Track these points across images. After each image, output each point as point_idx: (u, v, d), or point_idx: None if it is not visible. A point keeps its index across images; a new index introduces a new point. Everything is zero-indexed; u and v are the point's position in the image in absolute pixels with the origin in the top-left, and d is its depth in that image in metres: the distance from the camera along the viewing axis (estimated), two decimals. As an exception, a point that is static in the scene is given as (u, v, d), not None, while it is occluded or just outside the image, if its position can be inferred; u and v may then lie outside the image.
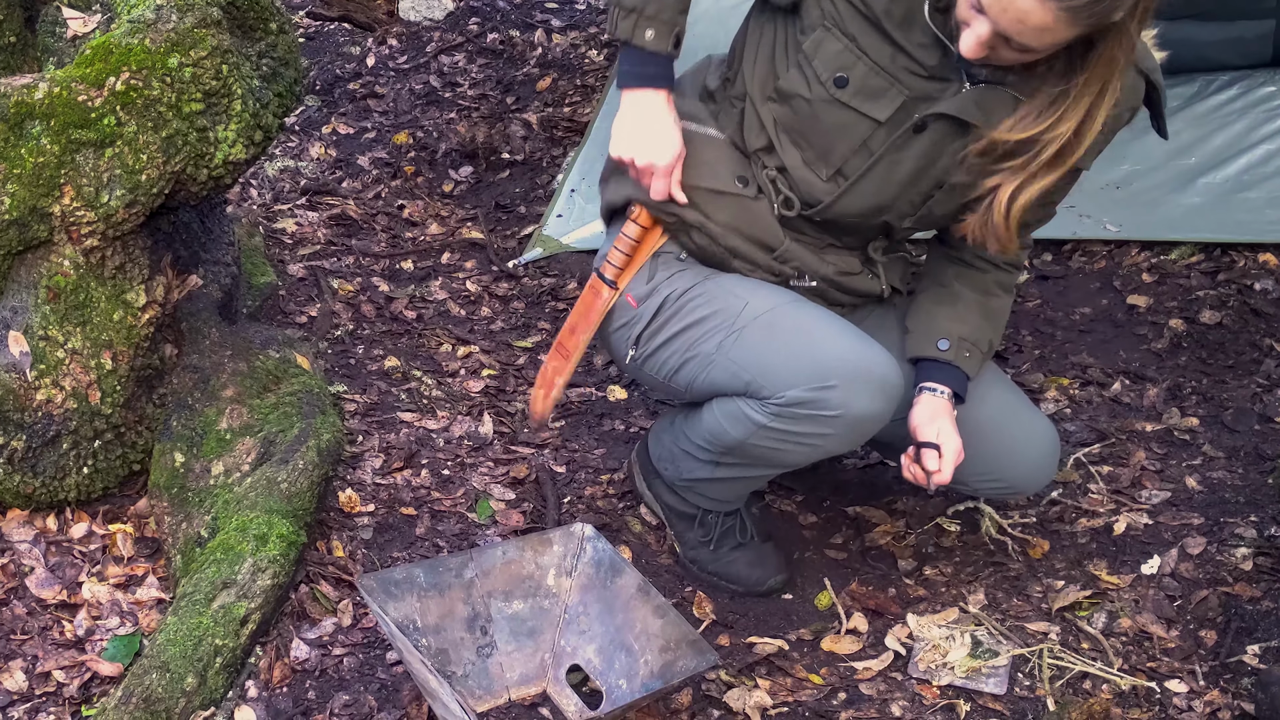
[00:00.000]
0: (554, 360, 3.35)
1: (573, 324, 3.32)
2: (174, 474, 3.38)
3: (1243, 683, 3.15)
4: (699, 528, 3.49)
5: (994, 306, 3.30)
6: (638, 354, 3.27)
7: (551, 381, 3.36)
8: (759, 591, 3.49)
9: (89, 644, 3.17)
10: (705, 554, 3.51)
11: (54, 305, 3.26)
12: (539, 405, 3.41)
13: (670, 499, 3.53)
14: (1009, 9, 2.67)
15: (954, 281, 3.30)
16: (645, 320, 3.23)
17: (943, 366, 3.23)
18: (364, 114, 6.05)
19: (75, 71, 3.18)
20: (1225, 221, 4.60)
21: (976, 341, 3.24)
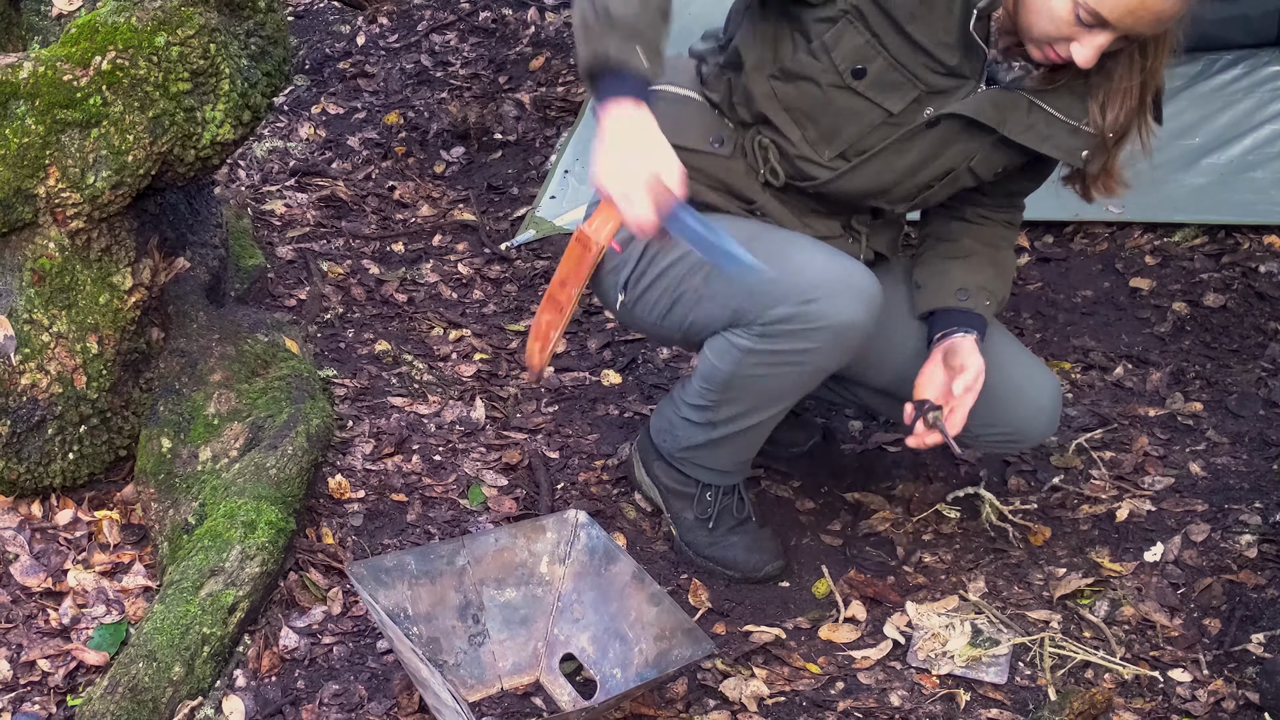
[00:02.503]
0: (547, 314, 3.26)
1: (563, 277, 3.21)
2: (161, 460, 3.36)
3: (1247, 672, 3.13)
4: (696, 505, 3.45)
5: (1001, 259, 3.34)
6: (628, 299, 3.27)
7: (546, 335, 3.27)
8: (755, 578, 3.45)
9: (74, 632, 3.15)
10: (702, 536, 3.47)
11: (39, 288, 3.25)
12: (535, 359, 3.31)
13: (669, 478, 3.49)
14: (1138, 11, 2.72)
15: (961, 236, 3.33)
16: (631, 263, 3.24)
17: (962, 313, 3.24)
18: (354, 94, 6.05)
19: (60, 50, 3.19)
20: (1229, 202, 4.59)
21: (992, 290, 3.27)
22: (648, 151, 2.74)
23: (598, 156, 2.76)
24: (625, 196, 2.74)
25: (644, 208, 2.72)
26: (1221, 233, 4.63)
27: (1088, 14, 2.74)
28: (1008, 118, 3.01)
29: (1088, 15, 2.75)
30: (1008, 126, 3.02)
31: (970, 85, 2.99)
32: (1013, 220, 3.39)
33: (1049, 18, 2.80)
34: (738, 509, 3.47)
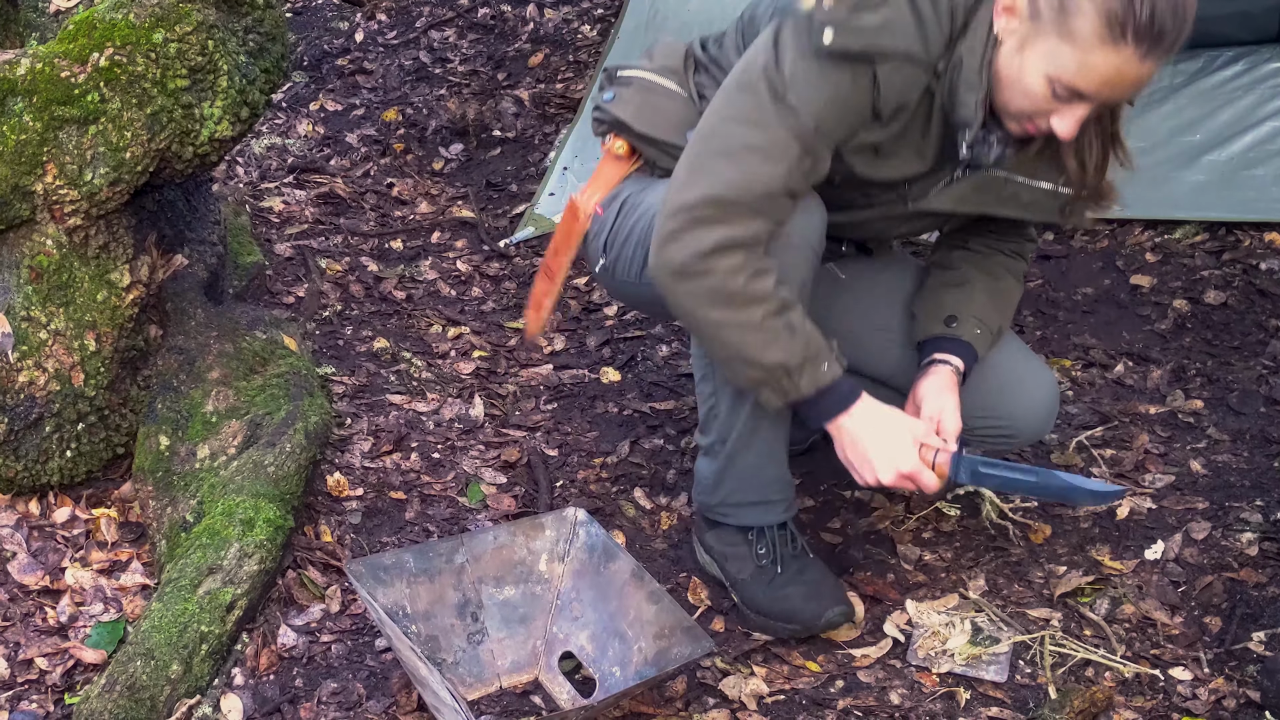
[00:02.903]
0: (541, 282, 3.40)
1: (555, 246, 3.36)
2: (159, 457, 3.36)
3: (1248, 670, 3.12)
4: (753, 557, 3.32)
5: (1002, 289, 3.29)
6: (608, 260, 3.27)
7: (540, 303, 3.41)
8: (816, 627, 3.27)
9: (72, 631, 3.16)
10: (760, 593, 3.30)
11: (36, 285, 3.25)
12: (532, 326, 3.49)
13: (720, 542, 3.38)
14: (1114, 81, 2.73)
15: (961, 264, 3.30)
16: (610, 223, 3.24)
17: (950, 341, 3.21)
18: (352, 90, 6.04)
19: (58, 47, 3.19)
20: (1230, 199, 4.57)
21: (985, 320, 3.23)
22: (899, 432, 2.98)
23: (862, 464, 3.01)
24: (907, 478, 2.98)
25: (929, 478, 2.98)
26: (1222, 230, 4.61)
27: (1063, 89, 2.74)
28: (989, 197, 3.06)
29: (1064, 91, 2.74)
30: (989, 206, 3.08)
31: (948, 171, 3.02)
32: (1020, 251, 3.34)
33: (1025, 95, 2.79)
34: (792, 542, 3.32)
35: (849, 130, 2.88)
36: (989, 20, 2.79)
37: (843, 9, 2.77)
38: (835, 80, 2.81)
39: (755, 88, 2.86)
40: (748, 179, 2.82)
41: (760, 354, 2.87)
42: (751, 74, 2.88)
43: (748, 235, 2.82)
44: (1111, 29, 2.64)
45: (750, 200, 2.82)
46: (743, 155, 2.83)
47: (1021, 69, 2.77)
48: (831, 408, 2.97)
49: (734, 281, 2.82)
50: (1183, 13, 2.66)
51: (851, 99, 2.83)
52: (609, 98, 3.29)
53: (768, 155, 2.83)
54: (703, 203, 2.82)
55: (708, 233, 2.81)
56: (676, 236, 2.84)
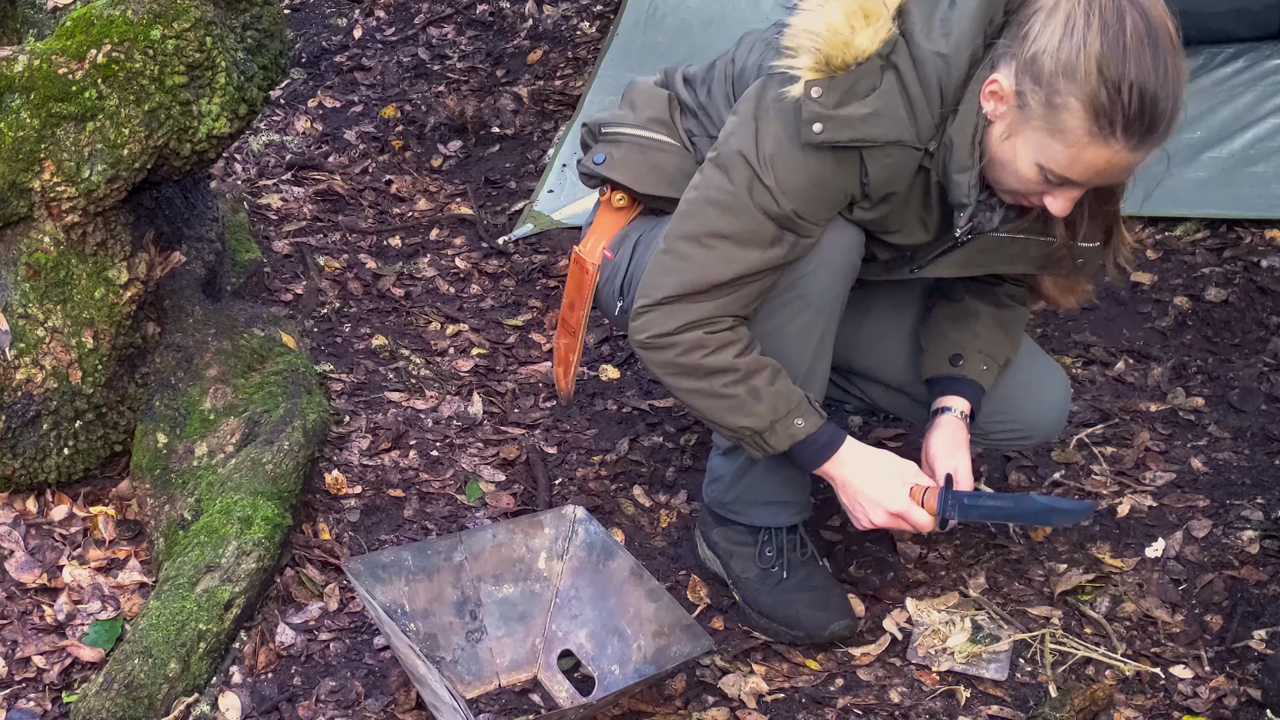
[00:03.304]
0: (563, 337, 3.41)
1: (569, 300, 3.36)
2: (156, 455, 3.35)
3: (1249, 668, 3.12)
4: (759, 559, 3.32)
5: (1006, 318, 3.28)
6: (626, 302, 3.25)
7: (567, 359, 3.42)
8: (820, 638, 3.27)
9: (70, 629, 3.15)
10: (765, 595, 3.31)
11: (34, 283, 3.25)
12: (562, 383, 3.47)
13: (726, 539, 3.38)
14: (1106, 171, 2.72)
15: (965, 296, 3.29)
16: (624, 266, 3.25)
17: (956, 381, 3.23)
18: (351, 87, 6.02)
19: (55, 44, 3.19)
20: (1231, 196, 4.56)
21: (992, 354, 3.23)
22: (887, 474, 3.03)
23: (855, 508, 3.05)
24: (898, 518, 3.01)
25: (919, 517, 3.00)
26: (1223, 227, 4.61)
27: (1055, 177, 2.73)
28: (994, 258, 3.06)
29: (1055, 178, 2.73)
30: (996, 265, 3.10)
31: (951, 238, 3.01)
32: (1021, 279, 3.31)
33: (1017, 179, 2.79)
34: (801, 548, 3.33)
35: (832, 209, 2.91)
36: (978, 99, 2.76)
37: (830, 100, 2.76)
38: (821, 167, 2.83)
39: (731, 168, 2.88)
40: (717, 268, 2.88)
41: (726, 419, 2.97)
42: (728, 153, 2.89)
43: (711, 313, 2.91)
44: (1100, 124, 2.62)
45: (718, 286, 2.89)
46: (713, 242, 2.88)
47: (1013, 155, 2.76)
48: (816, 457, 3.02)
49: (692, 357, 2.92)
50: (1172, 98, 2.66)
51: (836, 182, 2.86)
52: (600, 160, 3.26)
53: (738, 241, 2.88)
54: (671, 295, 2.91)
55: (672, 316, 2.92)
56: (642, 315, 2.95)
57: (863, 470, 3.01)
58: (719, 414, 2.96)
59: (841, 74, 2.76)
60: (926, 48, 2.77)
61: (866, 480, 3.00)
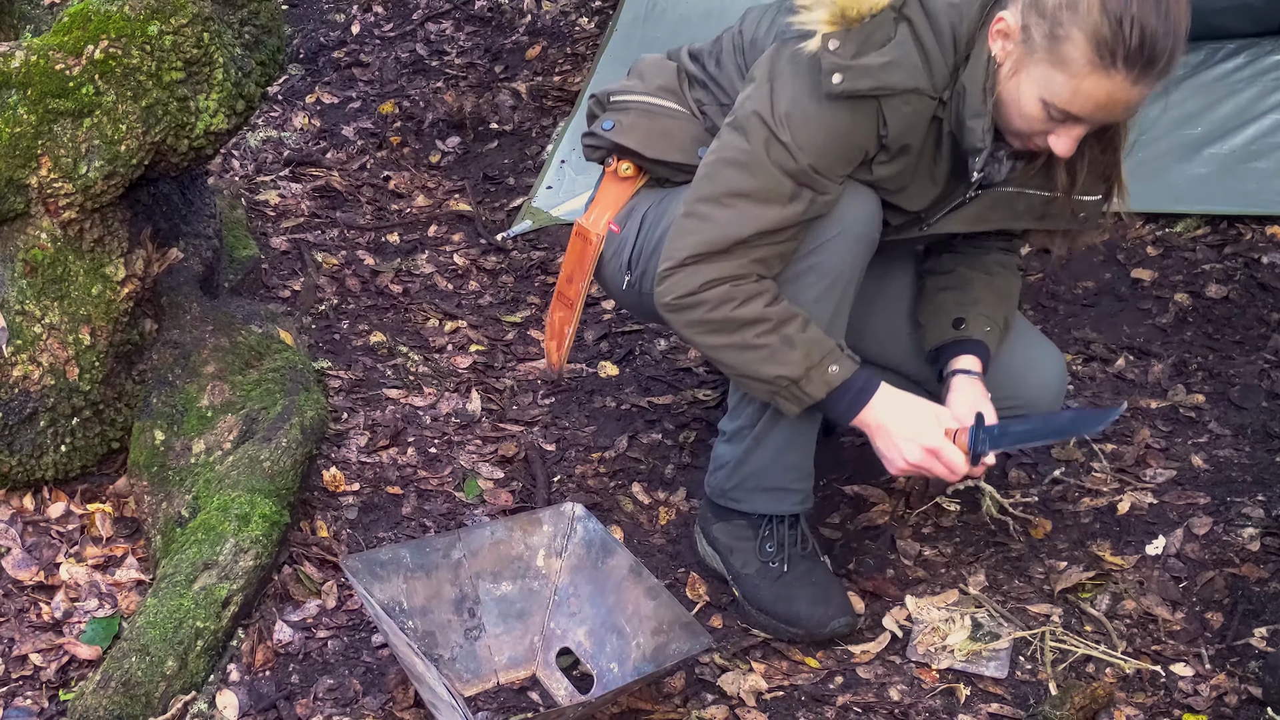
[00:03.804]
0: (559, 311, 3.44)
1: (569, 273, 3.40)
2: (154, 452, 3.34)
3: (1250, 666, 3.11)
4: (759, 552, 3.31)
5: (999, 285, 3.32)
6: (634, 276, 3.29)
7: (561, 332, 3.45)
8: (820, 634, 3.25)
9: (67, 626, 3.14)
10: (765, 591, 3.29)
11: (31, 279, 3.25)
12: (554, 357, 3.49)
13: (727, 534, 3.36)
14: (1107, 105, 2.76)
15: (956, 267, 3.33)
16: (632, 239, 3.28)
17: (963, 344, 3.24)
18: (349, 83, 6.02)
19: (53, 39, 3.19)
20: (1232, 192, 4.56)
21: (992, 316, 3.26)
22: (922, 412, 3.02)
23: (890, 450, 3.04)
24: (931, 459, 3.00)
25: (953, 455, 3.00)
26: (1224, 223, 4.60)
27: (1058, 112, 2.79)
28: (1002, 213, 3.12)
29: (1058, 113, 2.79)
30: (1005, 221, 3.15)
31: (960, 192, 3.07)
32: (1008, 247, 3.39)
33: (1021, 117, 2.84)
34: (803, 543, 3.31)
35: (849, 163, 2.93)
36: (988, 45, 2.83)
37: (848, 51, 2.82)
38: (837, 119, 2.87)
39: (747, 128, 2.93)
40: (737, 226, 2.92)
41: (761, 369, 2.96)
42: (744, 114, 2.94)
43: (736, 270, 2.93)
44: (1101, 56, 2.68)
45: (738, 244, 2.92)
46: (732, 201, 2.92)
47: (1017, 92, 2.82)
48: (852, 405, 3.02)
49: (721, 311, 2.94)
50: (1173, 35, 2.69)
51: (854, 136, 2.89)
52: (609, 126, 3.31)
53: (756, 199, 2.91)
54: (693, 254, 2.95)
55: (695, 274, 2.95)
56: (667, 278, 2.98)
57: (897, 412, 3.01)
58: (754, 366, 2.96)
59: (857, 26, 2.82)
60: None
61: (901, 420, 3.00)
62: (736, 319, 2.92)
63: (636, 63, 3.43)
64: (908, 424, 3.00)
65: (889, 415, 3.01)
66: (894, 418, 3.01)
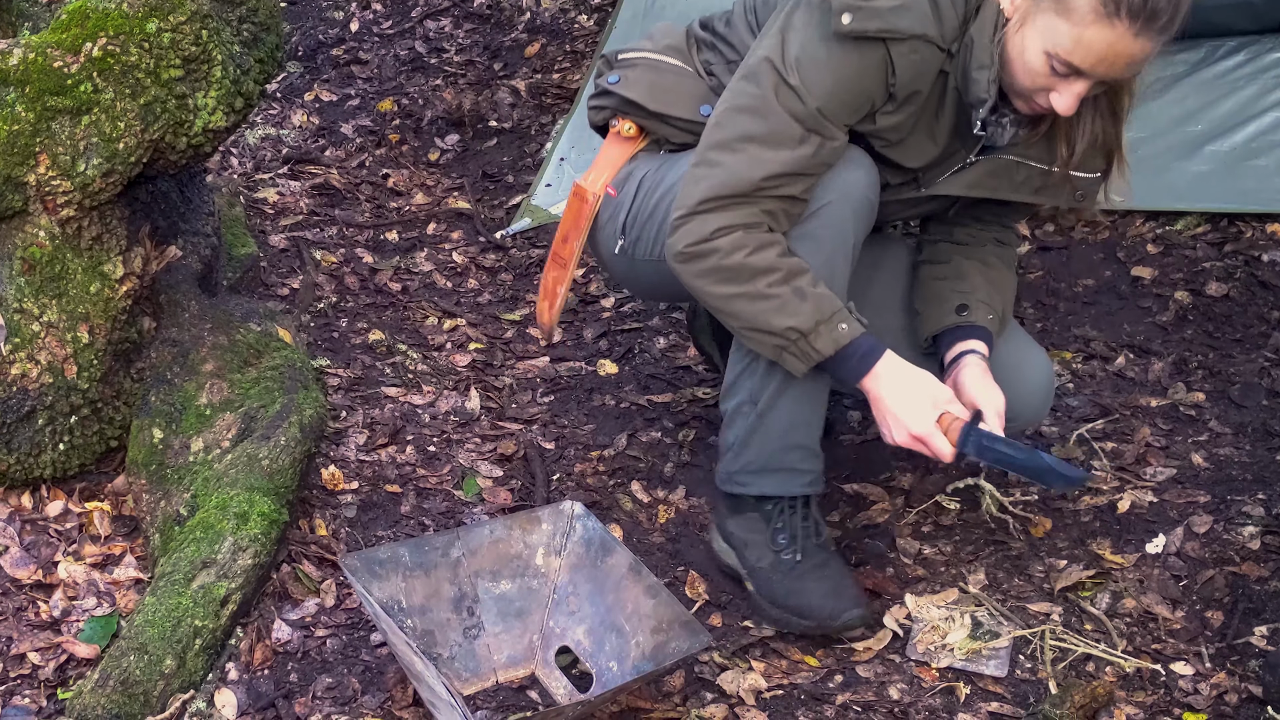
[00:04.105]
0: (552, 270, 3.46)
1: (564, 232, 3.42)
2: (152, 450, 3.34)
3: (1250, 665, 3.10)
4: (771, 541, 3.27)
5: (995, 276, 3.34)
6: (627, 241, 3.31)
7: (554, 291, 3.47)
8: (832, 627, 3.22)
9: (65, 625, 3.14)
10: (778, 584, 3.25)
11: (29, 277, 3.25)
12: (545, 316, 3.51)
13: (740, 527, 3.33)
14: (1109, 58, 2.79)
15: (952, 256, 3.35)
16: (627, 204, 3.30)
17: (967, 329, 3.26)
18: (347, 80, 6.02)
19: (51, 37, 3.19)
20: (1232, 190, 4.55)
21: (991, 304, 3.28)
22: (920, 395, 3.02)
23: (883, 423, 3.07)
24: (923, 439, 3.01)
25: (941, 445, 3.01)
26: (1224, 221, 4.59)
27: (1061, 65, 2.81)
28: (1001, 182, 3.14)
29: (1061, 66, 2.81)
30: (1002, 190, 3.16)
31: (961, 155, 3.10)
32: (1003, 239, 3.41)
33: (1025, 71, 2.87)
34: (816, 536, 3.28)
35: (856, 111, 2.95)
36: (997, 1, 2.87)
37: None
38: (845, 61, 2.89)
39: (758, 75, 2.96)
40: (747, 169, 2.93)
41: (771, 321, 2.96)
42: (755, 60, 2.98)
43: (748, 218, 2.94)
44: (1105, 5, 2.72)
45: (750, 188, 2.93)
46: (743, 145, 2.94)
47: (1023, 45, 2.85)
48: (858, 367, 3.02)
49: (734, 258, 2.94)
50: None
51: (862, 81, 2.91)
52: (615, 80, 3.34)
53: (766, 143, 2.93)
54: (705, 199, 2.95)
55: (708, 221, 2.94)
56: (680, 225, 2.99)
57: (898, 387, 3.02)
58: (765, 317, 2.96)
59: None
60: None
61: (899, 398, 3.01)
62: (749, 266, 2.93)
63: (649, 29, 3.48)
64: (903, 405, 3.01)
65: (889, 388, 3.02)
66: (892, 394, 3.02)
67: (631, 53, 3.38)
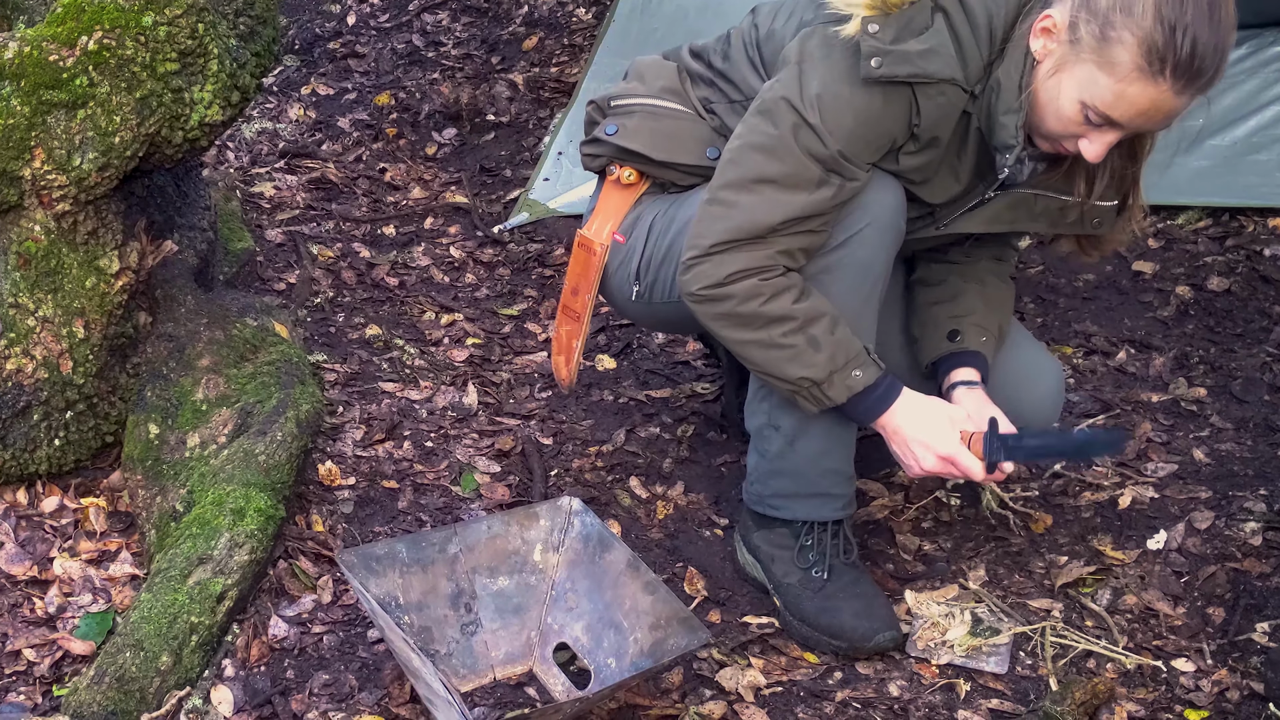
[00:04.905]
0: (565, 324, 3.41)
1: (573, 285, 3.36)
2: (148, 446, 3.33)
3: (1251, 661, 3.10)
4: (798, 558, 3.25)
5: (992, 294, 3.31)
6: (643, 287, 3.27)
7: (570, 346, 3.42)
8: (864, 648, 3.18)
9: (60, 622, 3.12)
10: (808, 603, 3.23)
11: (24, 272, 3.24)
12: (563, 371, 3.47)
13: (768, 542, 3.31)
14: (1148, 112, 2.74)
15: (946, 277, 3.32)
16: (639, 249, 3.25)
17: (960, 355, 3.23)
18: (344, 74, 6.02)
19: (46, 30, 3.19)
20: (1234, 185, 4.56)
21: (986, 325, 3.25)
22: (938, 419, 3.01)
23: (907, 455, 3.05)
24: (950, 463, 3.01)
25: (971, 461, 3.00)
26: (1226, 215, 4.60)
27: (1098, 116, 2.76)
28: (1020, 215, 3.10)
29: (1097, 117, 2.76)
30: (1020, 223, 3.12)
31: (980, 189, 3.05)
32: (1001, 256, 3.38)
33: (1057, 117, 2.82)
34: (845, 555, 3.25)
35: (878, 150, 2.91)
36: (1025, 41, 2.81)
37: (888, 35, 2.80)
38: (870, 103, 2.84)
39: (774, 113, 2.90)
40: (764, 212, 2.89)
41: (785, 369, 2.95)
42: (771, 99, 2.91)
43: (764, 260, 2.90)
44: (1151, 63, 2.65)
45: (766, 231, 2.89)
46: (759, 187, 2.89)
47: (1057, 91, 2.79)
48: (873, 408, 3.01)
49: (749, 306, 2.91)
50: (1222, 49, 2.68)
51: (884, 123, 2.87)
52: (612, 130, 3.27)
53: (784, 184, 2.88)
54: (719, 241, 2.92)
55: (723, 264, 2.91)
56: (693, 266, 2.95)
57: (917, 417, 3.01)
58: (777, 365, 2.95)
59: (896, 11, 2.81)
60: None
61: (918, 426, 3.00)
62: (763, 315, 2.91)
63: (632, 65, 3.38)
64: (924, 430, 2.99)
65: (906, 421, 3.00)
66: (911, 423, 3.00)
67: (625, 99, 3.30)
